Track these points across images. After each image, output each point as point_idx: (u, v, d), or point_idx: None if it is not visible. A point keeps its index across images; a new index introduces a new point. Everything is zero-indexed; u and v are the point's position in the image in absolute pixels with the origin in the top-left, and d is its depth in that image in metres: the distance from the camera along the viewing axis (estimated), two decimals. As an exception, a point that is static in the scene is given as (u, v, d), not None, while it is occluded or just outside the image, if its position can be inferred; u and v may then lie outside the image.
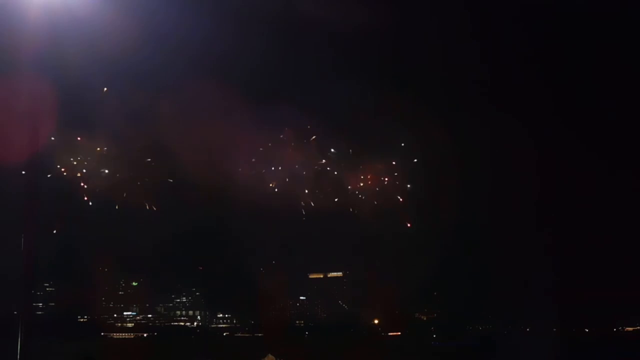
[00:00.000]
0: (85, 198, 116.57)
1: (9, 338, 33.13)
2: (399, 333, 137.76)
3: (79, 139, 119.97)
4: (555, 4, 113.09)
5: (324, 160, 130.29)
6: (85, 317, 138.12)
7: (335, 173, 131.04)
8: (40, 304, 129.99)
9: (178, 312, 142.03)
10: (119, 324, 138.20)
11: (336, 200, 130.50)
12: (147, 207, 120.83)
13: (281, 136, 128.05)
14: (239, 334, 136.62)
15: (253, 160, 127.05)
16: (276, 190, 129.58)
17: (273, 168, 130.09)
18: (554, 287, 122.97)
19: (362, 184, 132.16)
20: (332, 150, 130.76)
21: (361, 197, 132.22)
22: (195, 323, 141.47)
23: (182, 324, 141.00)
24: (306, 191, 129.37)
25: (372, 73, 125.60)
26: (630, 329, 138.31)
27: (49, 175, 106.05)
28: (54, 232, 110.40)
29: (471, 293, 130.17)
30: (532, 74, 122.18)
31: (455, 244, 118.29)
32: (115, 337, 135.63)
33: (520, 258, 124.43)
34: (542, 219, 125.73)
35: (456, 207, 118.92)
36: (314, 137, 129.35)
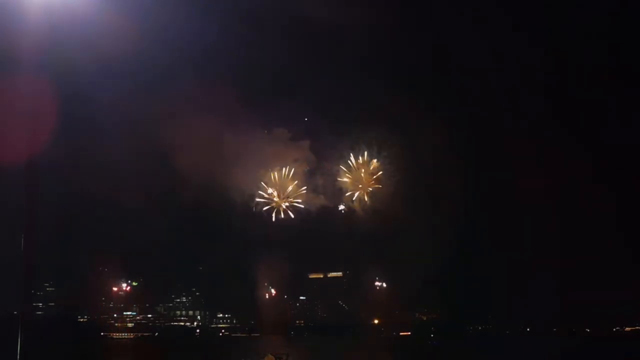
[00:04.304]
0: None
1: (9, 338, 33.07)
2: (409, 333, 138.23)
3: None
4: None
5: (324, 160, 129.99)
6: (85, 317, 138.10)
7: (335, 172, 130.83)
8: (40, 304, 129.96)
9: (178, 312, 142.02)
10: (119, 324, 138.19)
11: (335, 199, 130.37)
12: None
13: (281, 135, 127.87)
14: (238, 334, 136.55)
15: (254, 159, 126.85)
16: (276, 189, 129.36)
17: (272, 167, 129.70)
18: (554, 288, 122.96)
19: (362, 184, 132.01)
20: (332, 149, 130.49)
21: (360, 197, 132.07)
22: (195, 323, 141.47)
23: (182, 324, 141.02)
24: (306, 191, 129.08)
25: (372, 72, 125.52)
26: (630, 329, 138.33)
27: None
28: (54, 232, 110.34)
29: (471, 293, 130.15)
30: (532, 73, 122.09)
31: (456, 245, 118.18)
32: (115, 337, 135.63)
33: (520, 259, 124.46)
34: (542, 220, 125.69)
35: (457, 207, 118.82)
36: (313, 136, 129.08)
